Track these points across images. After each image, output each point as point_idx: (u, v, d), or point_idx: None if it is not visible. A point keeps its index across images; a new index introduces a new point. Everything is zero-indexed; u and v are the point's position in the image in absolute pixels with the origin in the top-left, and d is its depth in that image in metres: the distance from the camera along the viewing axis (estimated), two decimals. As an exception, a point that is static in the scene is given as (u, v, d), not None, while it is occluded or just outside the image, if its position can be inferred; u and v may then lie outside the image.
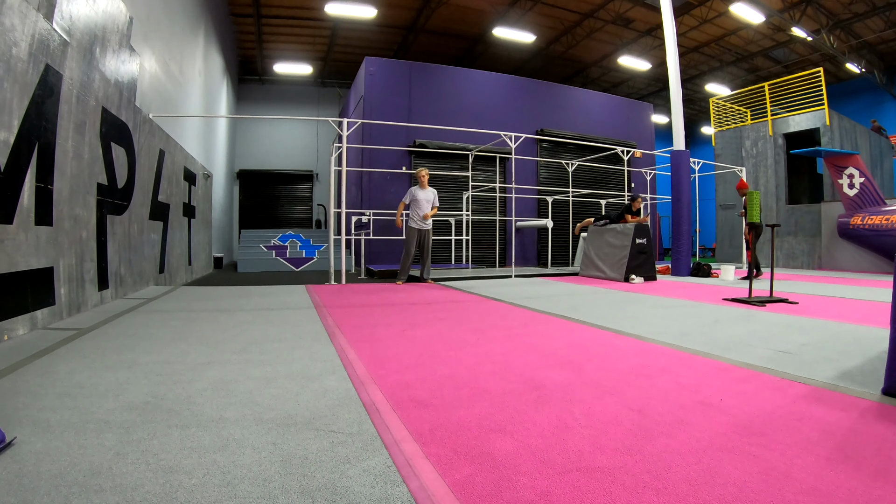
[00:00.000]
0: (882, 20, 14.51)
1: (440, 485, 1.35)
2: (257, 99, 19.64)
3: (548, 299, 5.62)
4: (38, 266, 3.59)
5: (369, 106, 12.15)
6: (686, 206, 9.23)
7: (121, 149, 5.37)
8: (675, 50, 9.21)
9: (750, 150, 13.66)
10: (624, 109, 15.78)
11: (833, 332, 3.62)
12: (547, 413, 1.92)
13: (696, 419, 1.84)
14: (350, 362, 2.69)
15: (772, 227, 5.63)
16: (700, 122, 24.97)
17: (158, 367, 2.57)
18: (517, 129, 11.11)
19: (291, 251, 13.17)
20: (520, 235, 13.12)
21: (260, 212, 19.61)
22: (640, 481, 1.36)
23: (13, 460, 1.46)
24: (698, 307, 5.01)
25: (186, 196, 8.61)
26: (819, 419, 1.84)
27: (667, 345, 3.18)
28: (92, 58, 4.60)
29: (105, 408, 1.94)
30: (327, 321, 4.08)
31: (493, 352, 2.99)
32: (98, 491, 1.29)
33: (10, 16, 3.15)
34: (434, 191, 8.09)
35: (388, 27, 15.85)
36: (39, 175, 3.58)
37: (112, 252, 5.13)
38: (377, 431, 1.72)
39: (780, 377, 2.40)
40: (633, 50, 17.17)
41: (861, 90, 18.76)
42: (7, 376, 2.37)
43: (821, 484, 1.34)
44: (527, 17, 14.99)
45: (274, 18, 15.37)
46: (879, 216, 10.23)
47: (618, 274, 7.97)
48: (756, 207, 5.50)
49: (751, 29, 15.50)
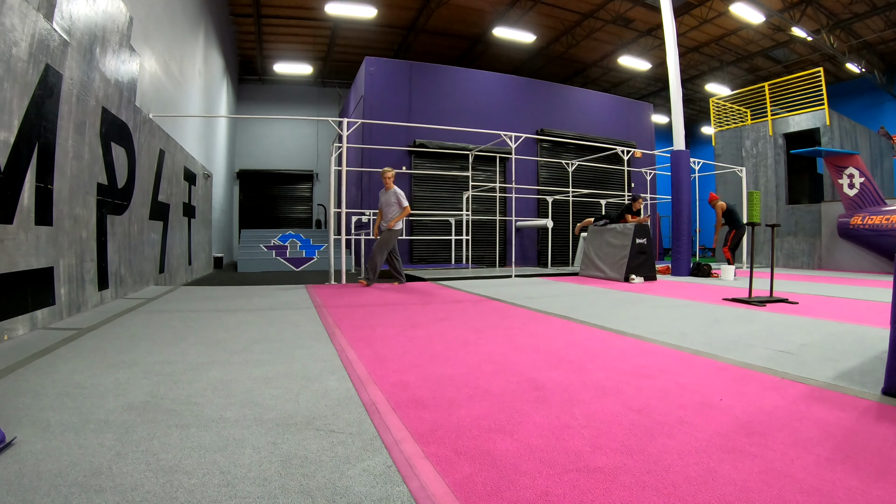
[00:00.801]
0: (882, 20, 14.50)
1: (440, 485, 1.35)
2: (257, 99, 19.64)
3: (548, 299, 5.62)
4: (38, 266, 3.59)
5: (369, 106, 12.16)
6: (686, 206, 9.23)
7: (121, 149, 5.37)
8: (675, 50, 9.21)
9: (750, 150, 13.66)
10: (624, 109, 15.80)
11: (833, 332, 3.62)
12: (547, 413, 1.92)
13: (697, 419, 1.84)
14: (350, 362, 2.69)
15: (772, 227, 5.63)
16: (700, 122, 24.97)
17: (158, 366, 2.57)
18: (517, 128, 11.11)
19: (291, 251, 13.18)
20: (520, 235, 13.13)
21: (260, 212, 19.62)
22: (641, 481, 1.36)
23: (13, 460, 1.46)
24: (698, 307, 5.01)
25: (186, 196, 8.61)
26: (819, 419, 1.84)
27: (667, 345, 3.18)
28: (92, 58, 4.59)
29: (105, 408, 1.94)
30: (327, 321, 4.08)
31: (493, 352, 2.99)
32: (98, 491, 1.29)
33: (10, 16, 3.15)
34: (396, 191, 7.31)
35: (389, 27, 15.85)
36: (39, 175, 3.58)
37: (112, 252, 5.13)
38: (377, 431, 1.72)
39: (780, 377, 2.40)
40: (633, 50, 17.17)
41: (861, 90, 18.76)
42: (7, 376, 2.37)
43: (821, 484, 1.34)
44: (527, 17, 14.99)
45: (274, 18, 15.36)
46: (879, 216, 10.23)
47: (618, 274, 7.97)
48: (756, 207, 5.50)
49: (751, 29, 15.50)
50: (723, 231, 9.91)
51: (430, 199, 12.47)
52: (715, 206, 9.64)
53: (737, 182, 12.95)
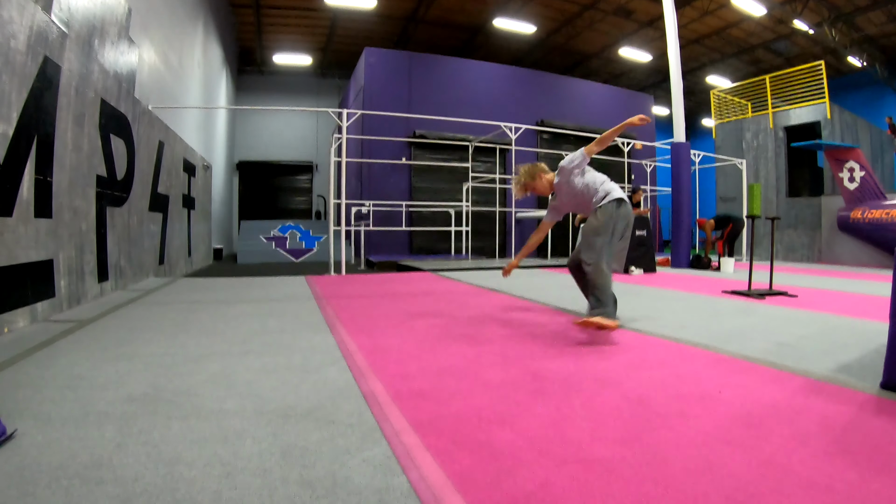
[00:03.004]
0: (884, 14, 14.42)
1: (440, 475, 1.35)
2: (257, 90, 19.55)
3: (547, 290, 5.62)
4: (38, 258, 3.59)
5: (369, 97, 12.11)
6: (686, 198, 9.22)
7: (120, 140, 5.35)
8: (675, 41, 9.16)
9: (750, 143, 13.62)
10: (624, 101, 15.75)
11: (832, 325, 3.63)
12: (546, 404, 1.92)
13: (695, 411, 1.84)
14: (350, 353, 2.70)
15: (772, 220, 5.63)
16: (701, 114, 24.87)
17: (158, 358, 2.58)
18: (517, 119, 11.08)
19: (291, 242, 13.16)
20: (520, 227, 13.11)
21: (259, 203, 19.57)
22: (639, 472, 1.37)
23: (14, 453, 1.46)
24: (698, 299, 5.02)
25: (186, 187, 8.59)
26: (818, 412, 1.84)
27: (666, 337, 3.18)
28: (91, 49, 4.57)
29: (105, 399, 1.94)
30: (327, 312, 4.09)
31: (492, 342, 3.00)
32: (99, 482, 1.30)
33: (8, 8, 3.12)
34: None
35: (388, 17, 15.74)
36: (39, 167, 3.57)
37: (112, 244, 5.13)
38: (377, 422, 1.73)
39: (779, 370, 2.40)
40: (634, 41, 17.07)
41: (862, 84, 18.67)
42: (7, 369, 2.37)
43: (819, 476, 1.35)
44: (527, 8, 14.89)
45: (273, 9, 15.26)
46: (880, 210, 10.21)
47: (617, 265, 7.95)
48: (757, 200, 5.49)
49: (752, 21, 15.40)
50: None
51: (429, 191, 12.46)
52: (704, 227, 9.80)
53: (737, 174, 12.92)
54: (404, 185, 12.38)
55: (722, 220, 9.62)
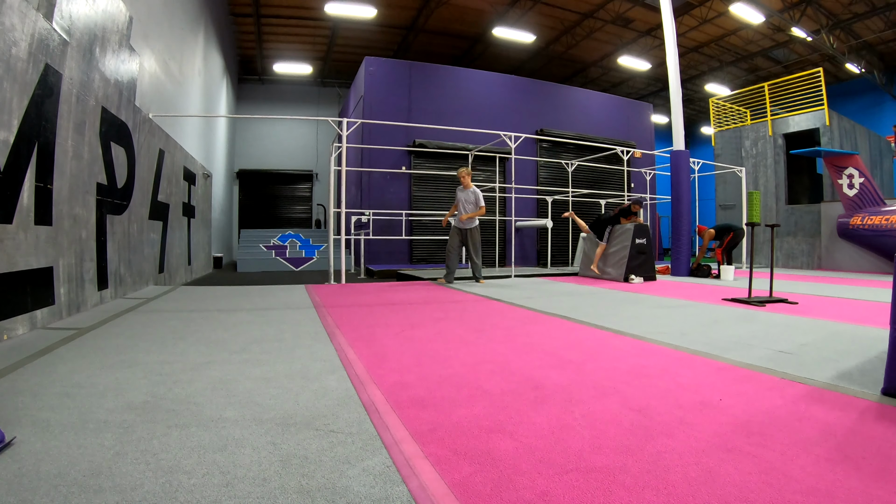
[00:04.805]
0: (882, 20, 14.51)
1: (440, 485, 1.35)
2: (257, 98, 19.63)
3: (547, 299, 5.62)
4: (38, 266, 3.59)
5: (369, 106, 12.15)
6: (686, 206, 9.23)
7: (120, 148, 5.37)
8: (674, 50, 9.21)
9: (749, 151, 13.66)
10: (624, 109, 15.80)
11: (832, 332, 3.62)
12: (547, 413, 1.91)
13: (696, 419, 1.84)
14: (350, 362, 2.69)
15: (771, 227, 5.64)
16: (700, 122, 24.97)
17: (158, 366, 2.57)
18: (517, 128, 11.12)
19: (291, 251, 13.18)
20: (519, 235, 13.12)
21: (259, 211, 19.60)
22: (640, 481, 1.36)
23: (13, 460, 1.46)
24: (698, 307, 5.01)
25: (186, 196, 8.61)
26: (818, 419, 1.84)
27: (666, 345, 3.18)
28: (92, 57, 4.59)
29: (105, 407, 1.94)
30: (327, 321, 4.08)
31: (492, 351, 2.99)
32: (98, 491, 1.29)
33: (9, 15, 3.14)
34: (475, 190, 7.58)
35: (388, 27, 15.84)
36: (39, 175, 3.58)
37: (111, 252, 5.13)
38: (377, 431, 1.72)
39: (780, 377, 2.40)
40: (633, 50, 17.16)
41: (861, 90, 18.76)
42: (7, 376, 2.37)
43: (820, 484, 1.34)
44: (526, 17, 14.98)
45: (274, 18, 15.35)
46: (879, 216, 10.23)
47: (617, 274, 7.98)
48: (756, 207, 5.50)
49: (750, 29, 15.50)
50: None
51: (429, 199, 12.47)
52: (703, 235, 9.80)
53: (736, 182, 12.95)
54: (404, 193, 12.39)
55: (722, 230, 9.63)
